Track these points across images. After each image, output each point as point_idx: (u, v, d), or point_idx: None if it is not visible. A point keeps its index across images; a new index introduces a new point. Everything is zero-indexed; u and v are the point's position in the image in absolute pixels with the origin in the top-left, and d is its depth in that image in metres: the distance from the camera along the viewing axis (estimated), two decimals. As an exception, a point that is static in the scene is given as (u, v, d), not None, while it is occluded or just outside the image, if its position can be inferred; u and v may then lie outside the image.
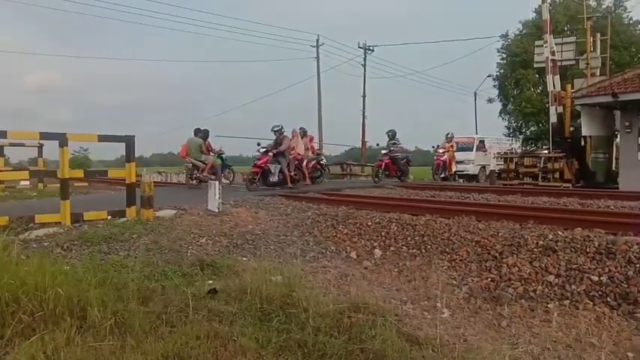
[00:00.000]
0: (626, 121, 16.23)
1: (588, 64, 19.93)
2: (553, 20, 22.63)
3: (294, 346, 3.16)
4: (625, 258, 4.72)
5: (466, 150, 23.08)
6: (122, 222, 7.33)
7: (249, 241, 6.80)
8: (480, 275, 5.15)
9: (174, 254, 5.99)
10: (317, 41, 35.02)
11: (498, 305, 4.48)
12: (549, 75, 18.22)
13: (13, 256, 4.18)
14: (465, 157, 22.65)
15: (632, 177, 15.13)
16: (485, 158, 23.91)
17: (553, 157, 17.98)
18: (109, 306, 3.51)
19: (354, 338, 3.27)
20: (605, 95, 15.67)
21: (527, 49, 29.99)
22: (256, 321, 3.59)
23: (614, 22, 27.82)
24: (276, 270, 4.78)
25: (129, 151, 7.99)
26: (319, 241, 6.93)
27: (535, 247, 5.29)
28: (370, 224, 7.12)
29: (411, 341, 3.36)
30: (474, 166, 23.20)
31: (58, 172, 7.40)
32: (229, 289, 4.32)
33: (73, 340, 3.05)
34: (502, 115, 38.39)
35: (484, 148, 24.14)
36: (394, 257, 6.13)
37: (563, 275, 4.75)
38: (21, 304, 3.32)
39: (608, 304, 4.28)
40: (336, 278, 5.33)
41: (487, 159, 23.87)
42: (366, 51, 36.51)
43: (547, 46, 18.25)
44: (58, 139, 7.39)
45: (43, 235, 6.59)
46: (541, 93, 32.20)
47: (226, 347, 3.09)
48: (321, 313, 3.64)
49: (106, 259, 5.48)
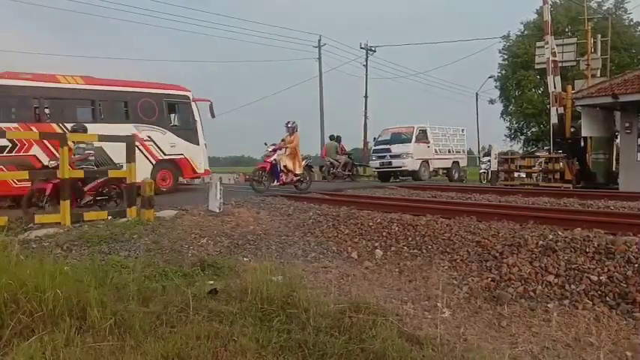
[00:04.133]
0: (626, 122, 16.22)
1: (589, 65, 19.91)
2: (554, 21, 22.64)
3: (295, 346, 3.16)
4: (624, 258, 4.72)
5: (403, 142, 19.66)
6: (122, 222, 7.34)
7: (251, 241, 6.80)
8: (481, 275, 5.15)
9: (174, 254, 5.99)
10: (319, 42, 35.01)
11: (498, 305, 4.48)
12: (550, 76, 18.20)
13: (12, 257, 4.18)
14: (402, 151, 19.31)
15: (632, 177, 15.11)
16: (428, 151, 20.38)
17: (554, 157, 17.97)
18: (108, 306, 3.51)
19: (355, 338, 3.27)
20: (605, 96, 15.65)
21: (529, 50, 29.98)
22: (257, 321, 3.59)
23: (615, 24, 27.81)
24: (277, 270, 4.78)
25: (129, 151, 8.00)
26: (320, 241, 6.93)
27: (535, 247, 5.30)
28: (371, 224, 7.12)
29: (411, 341, 3.36)
30: (412, 161, 19.21)
31: (57, 172, 7.40)
32: (230, 289, 4.33)
33: (73, 341, 3.04)
34: (504, 116, 38.43)
35: (426, 140, 20.34)
36: (395, 257, 6.13)
37: (563, 275, 4.76)
38: (20, 304, 3.31)
39: (608, 304, 4.29)
40: (337, 278, 5.33)
41: (430, 152, 20.46)
42: (368, 52, 36.51)
43: (548, 47, 18.22)
44: (58, 139, 7.40)
45: (42, 236, 6.59)
46: (542, 94, 32.22)
47: (227, 347, 3.09)
48: (321, 313, 3.64)
49: (106, 260, 5.48)
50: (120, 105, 12.67)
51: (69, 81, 11.83)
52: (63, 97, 11.86)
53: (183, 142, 13.40)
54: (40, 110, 11.49)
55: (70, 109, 12.08)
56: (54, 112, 11.68)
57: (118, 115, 12.55)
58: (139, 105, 12.74)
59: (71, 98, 12.02)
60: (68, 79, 11.86)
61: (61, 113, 11.80)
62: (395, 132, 20.42)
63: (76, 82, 11.93)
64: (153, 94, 13.05)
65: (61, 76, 11.80)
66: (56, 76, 11.71)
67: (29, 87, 11.06)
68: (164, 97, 13.29)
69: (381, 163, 19.84)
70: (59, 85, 11.62)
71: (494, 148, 19.62)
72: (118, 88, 12.51)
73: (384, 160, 19.69)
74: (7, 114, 10.72)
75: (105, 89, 12.21)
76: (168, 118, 13.48)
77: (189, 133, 13.59)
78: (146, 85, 13.23)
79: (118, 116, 12.48)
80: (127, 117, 12.60)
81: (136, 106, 12.68)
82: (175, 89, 13.78)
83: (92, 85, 12.05)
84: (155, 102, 13.03)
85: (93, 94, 12.05)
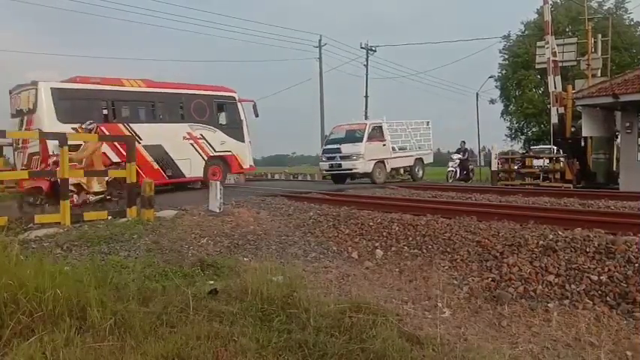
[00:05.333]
0: (626, 121, 16.23)
1: (589, 65, 19.91)
2: (554, 21, 22.64)
3: (295, 346, 3.16)
4: (624, 258, 4.72)
5: (355, 141, 16.68)
6: (123, 222, 7.33)
7: (251, 241, 6.79)
8: (481, 275, 5.14)
9: (174, 255, 5.99)
10: (319, 41, 35.02)
11: (499, 305, 4.47)
12: (550, 76, 18.23)
13: (12, 257, 4.17)
14: (352, 151, 16.34)
15: (632, 177, 15.12)
16: (384, 150, 17.31)
17: (554, 157, 17.99)
18: (108, 306, 3.50)
19: (355, 338, 3.27)
20: (605, 96, 15.66)
21: (529, 50, 29.97)
22: (257, 321, 3.58)
23: (615, 24, 27.83)
24: (277, 270, 4.78)
25: (129, 151, 8.00)
26: (321, 241, 6.92)
27: (535, 247, 5.29)
28: (372, 224, 7.11)
29: (411, 341, 3.36)
30: (364, 162, 16.29)
31: (57, 172, 7.40)
32: (230, 289, 4.32)
33: (73, 341, 3.04)
34: (504, 116, 38.45)
35: (381, 137, 17.28)
36: (395, 257, 6.12)
37: (563, 275, 4.75)
38: (20, 304, 3.31)
39: (608, 304, 4.28)
40: (338, 278, 5.33)
41: (386, 151, 17.41)
42: (368, 51, 36.51)
43: (548, 47, 18.25)
44: (58, 139, 7.40)
45: (42, 236, 6.59)
46: (542, 94, 32.23)
47: (227, 347, 3.09)
48: (322, 313, 3.63)
49: (106, 260, 5.48)
50: (176, 106, 13.70)
51: (132, 84, 12.90)
52: (127, 99, 12.88)
53: (231, 140, 14.46)
54: (108, 111, 12.44)
55: (133, 110, 13.04)
56: (119, 113, 12.65)
57: (175, 115, 13.63)
58: (193, 106, 13.81)
59: (134, 100, 13.02)
60: (131, 82, 12.92)
61: (126, 114, 12.82)
62: (347, 129, 17.60)
63: (138, 85, 13.01)
64: (204, 96, 14.16)
65: (125, 80, 12.86)
66: (121, 80, 12.77)
67: (98, 90, 12.10)
68: (214, 98, 14.42)
69: (331, 165, 16.99)
70: (123, 88, 12.68)
71: (495, 148, 19.57)
72: (174, 91, 13.61)
73: (333, 162, 16.84)
74: (80, 115, 11.20)
75: (163, 92, 13.33)
76: (217, 117, 14.55)
77: (236, 131, 14.65)
78: (198, 88, 14.30)
79: (174, 116, 13.59)
80: (182, 117, 13.69)
81: (189, 107, 13.76)
82: (223, 91, 14.88)
83: (152, 88, 13.15)
84: (206, 103, 14.13)
85: (153, 97, 13.17)
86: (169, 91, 13.47)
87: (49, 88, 11.11)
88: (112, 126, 12.03)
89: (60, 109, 11.18)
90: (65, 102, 11.39)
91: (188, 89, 13.97)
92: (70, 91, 11.61)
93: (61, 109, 11.19)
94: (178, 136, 13.38)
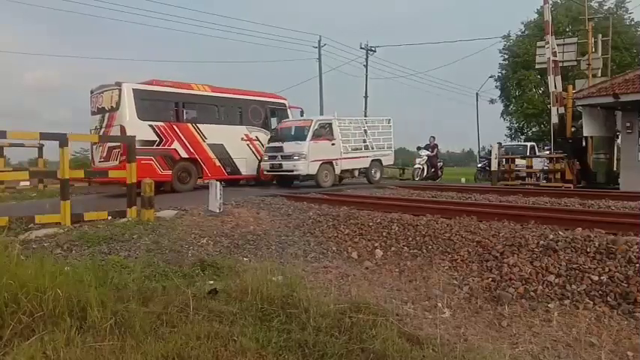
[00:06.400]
0: (627, 121, 16.22)
1: (590, 65, 19.88)
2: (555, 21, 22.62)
3: (295, 346, 3.16)
4: (625, 258, 4.72)
5: (297, 139, 14.83)
6: (123, 222, 7.34)
7: (251, 241, 6.80)
8: (481, 275, 5.14)
9: (174, 255, 5.99)
10: (319, 42, 35.00)
11: (499, 305, 4.48)
12: (551, 76, 18.18)
13: (13, 257, 4.17)
14: (294, 150, 14.58)
15: (632, 177, 15.11)
16: (333, 150, 15.42)
17: (554, 157, 17.96)
18: (109, 306, 3.50)
19: (355, 338, 3.27)
20: (606, 96, 15.64)
21: (529, 50, 29.96)
22: (257, 321, 3.58)
23: (616, 23, 27.83)
24: (277, 270, 4.78)
25: (130, 151, 8.00)
26: (320, 241, 6.92)
27: (536, 247, 5.29)
28: (371, 224, 7.11)
29: (411, 341, 3.36)
30: (306, 163, 14.49)
31: (58, 173, 7.40)
32: (230, 289, 4.32)
33: (73, 341, 3.04)
34: (504, 116, 38.42)
35: (330, 136, 15.38)
36: (395, 257, 6.12)
37: (564, 275, 4.75)
38: (20, 304, 3.31)
39: (608, 304, 4.28)
40: (337, 278, 5.33)
41: (335, 151, 15.51)
42: (368, 52, 36.50)
43: (549, 47, 18.19)
44: (58, 140, 7.40)
45: (43, 236, 6.59)
46: (543, 94, 32.21)
47: (227, 347, 3.09)
48: (321, 314, 3.63)
49: (106, 260, 5.48)
50: (236, 110, 14.96)
51: (199, 88, 14.11)
52: (195, 102, 14.06)
53: None
54: (179, 111, 13.55)
55: (199, 111, 14.16)
56: (189, 114, 13.87)
57: (235, 118, 14.85)
58: (250, 110, 15.19)
59: (201, 103, 14.19)
60: (199, 86, 14.16)
61: (193, 115, 13.99)
62: (293, 126, 15.64)
63: (205, 89, 14.19)
64: (259, 102, 15.60)
65: (194, 84, 14.10)
66: (190, 84, 13.98)
67: (172, 92, 13.30)
68: (267, 104, 15.83)
69: (272, 165, 15.05)
70: (192, 92, 13.88)
71: (495, 148, 19.52)
72: (235, 96, 14.95)
73: (274, 162, 14.98)
74: (156, 114, 12.77)
75: (226, 96, 14.63)
76: (270, 121, 15.82)
77: None
78: (254, 94, 15.67)
79: (234, 119, 14.81)
80: (240, 120, 14.93)
81: (247, 111, 15.13)
82: (275, 97, 16.47)
83: (217, 93, 14.41)
84: (261, 108, 15.57)
85: (217, 100, 14.40)
86: (231, 96, 14.75)
87: (131, 89, 12.20)
88: (182, 125, 13.26)
89: (140, 107, 12.29)
90: (144, 102, 12.48)
91: (246, 95, 15.28)
92: (148, 92, 12.70)
93: (140, 108, 12.30)
94: (237, 137, 14.62)
